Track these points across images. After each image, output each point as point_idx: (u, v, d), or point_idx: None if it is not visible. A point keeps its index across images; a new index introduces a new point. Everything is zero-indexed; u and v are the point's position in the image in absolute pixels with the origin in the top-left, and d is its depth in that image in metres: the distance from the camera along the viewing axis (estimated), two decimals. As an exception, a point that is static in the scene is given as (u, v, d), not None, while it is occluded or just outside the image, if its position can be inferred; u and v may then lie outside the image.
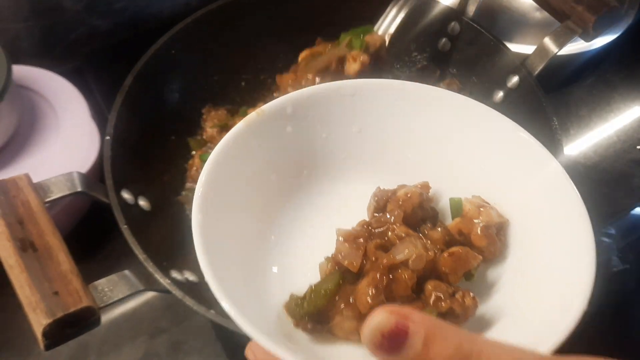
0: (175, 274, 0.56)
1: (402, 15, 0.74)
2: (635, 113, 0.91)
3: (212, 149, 0.73)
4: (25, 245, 0.50)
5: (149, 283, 0.53)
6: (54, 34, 0.88)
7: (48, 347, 0.46)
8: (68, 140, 0.73)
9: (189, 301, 0.52)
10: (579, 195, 0.41)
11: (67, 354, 0.69)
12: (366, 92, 0.48)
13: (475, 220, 0.44)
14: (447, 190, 0.49)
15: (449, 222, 0.47)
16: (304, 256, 0.46)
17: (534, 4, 0.70)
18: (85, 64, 0.89)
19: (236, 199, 0.44)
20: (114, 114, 0.64)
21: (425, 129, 0.49)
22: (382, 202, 0.46)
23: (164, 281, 0.53)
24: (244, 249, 0.43)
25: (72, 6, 0.86)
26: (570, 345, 0.33)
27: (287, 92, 0.47)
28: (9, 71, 0.67)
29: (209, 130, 0.76)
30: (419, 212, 0.45)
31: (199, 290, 0.58)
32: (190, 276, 0.59)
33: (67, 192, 0.56)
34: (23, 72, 0.78)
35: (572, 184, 0.41)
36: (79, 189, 0.56)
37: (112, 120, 0.64)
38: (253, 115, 0.45)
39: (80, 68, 0.89)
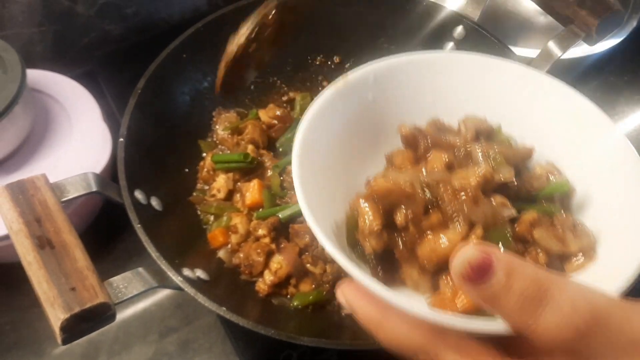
0: (187, 272, 0.57)
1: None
2: (639, 116, 0.92)
3: (222, 151, 0.75)
4: (43, 243, 0.51)
5: (162, 280, 0.54)
6: (66, 38, 0.90)
7: (65, 341, 0.47)
8: (80, 142, 0.75)
9: (200, 298, 0.53)
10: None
11: (79, 353, 0.70)
12: (442, 65, 0.50)
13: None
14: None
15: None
16: None
17: (539, 8, 0.71)
18: (97, 67, 0.91)
19: (324, 153, 0.46)
20: (127, 116, 0.66)
21: (495, 99, 0.50)
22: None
23: (176, 279, 0.54)
24: (329, 201, 0.44)
25: (84, 11, 0.88)
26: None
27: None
28: (24, 75, 0.69)
29: (220, 132, 0.78)
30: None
31: (210, 288, 0.59)
32: (201, 274, 0.60)
33: (82, 192, 0.57)
34: (37, 76, 0.80)
35: (633, 148, 0.43)
36: (94, 189, 0.58)
37: (126, 122, 0.65)
38: (340, 81, 0.47)
39: (92, 71, 0.91)
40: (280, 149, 0.77)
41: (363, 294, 0.35)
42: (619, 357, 0.28)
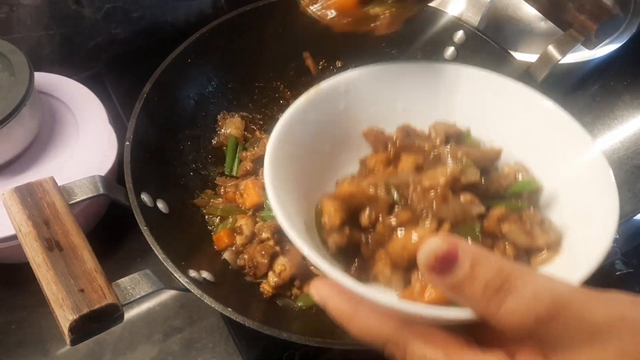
0: (193, 274, 0.58)
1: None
2: (639, 120, 0.93)
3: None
4: (52, 245, 0.52)
5: (169, 282, 0.55)
6: (73, 41, 0.91)
7: (74, 342, 0.48)
8: (87, 145, 0.76)
9: (207, 299, 0.54)
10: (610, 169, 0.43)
11: (84, 352, 0.71)
12: (411, 74, 0.52)
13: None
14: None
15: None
16: None
17: (538, 13, 0.72)
18: (104, 70, 0.92)
19: (296, 159, 0.48)
20: (133, 120, 0.67)
21: (464, 104, 0.52)
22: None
23: (182, 280, 0.55)
24: (302, 202, 0.46)
25: (91, 15, 0.89)
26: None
27: None
28: (31, 78, 0.70)
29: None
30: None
31: (216, 289, 0.60)
32: (207, 275, 0.61)
33: (90, 195, 0.58)
34: (44, 78, 0.81)
35: (597, 146, 0.44)
36: (101, 192, 0.59)
37: (132, 126, 0.66)
38: (312, 91, 0.49)
39: (98, 74, 0.92)
40: None
41: (335, 289, 0.36)
42: (578, 343, 0.29)
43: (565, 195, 0.46)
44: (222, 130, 0.80)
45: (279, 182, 0.43)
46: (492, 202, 0.45)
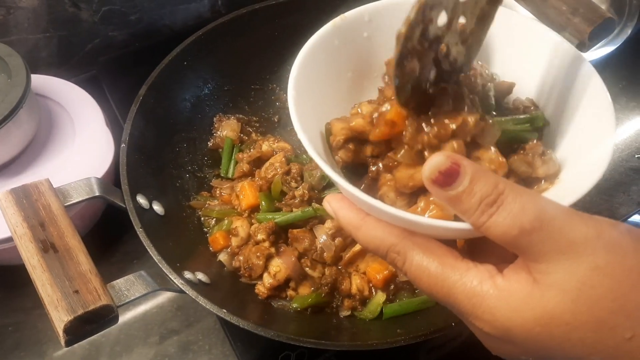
0: (188, 275, 0.59)
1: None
2: (633, 123, 0.93)
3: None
4: (47, 247, 0.52)
5: (164, 283, 0.55)
6: (71, 44, 0.91)
7: (69, 343, 0.48)
8: (84, 147, 0.76)
9: (202, 301, 0.54)
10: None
11: (80, 354, 0.71)
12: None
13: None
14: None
15: None
16: None
17: (532, 16, 0.72)
18: (101, 73, 0.92)
19: (318, 83, 0.49)
20: (129, 122, 0.67)
21: (487, 40, 0.52)
22: None
23: (177, 282, 0.55)
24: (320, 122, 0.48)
25: (88, 17, 0.89)
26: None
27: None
28: (28, 80, 0.70)
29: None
30: None
31: (211, 291, 0.60)
32: (202, 277, 0.62)
33: (85, 197, 0.58)
34: (41, 81, 0.81)
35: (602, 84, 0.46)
36: (97, 194, 0.59)
37: (128, 128, 0.66)
38: (337, 19, 0.50)
39: (95, 77, 0.92)
40: None
41: (345, 202, 0.40)
42: (556, 255, 0.32)
43: (568, 133, 0.47)
44: (218, 133, 0.80)
45: (301, 101, 0.44)
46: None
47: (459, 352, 0.71)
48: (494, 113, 0.47)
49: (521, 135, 0.45)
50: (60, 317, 0.48)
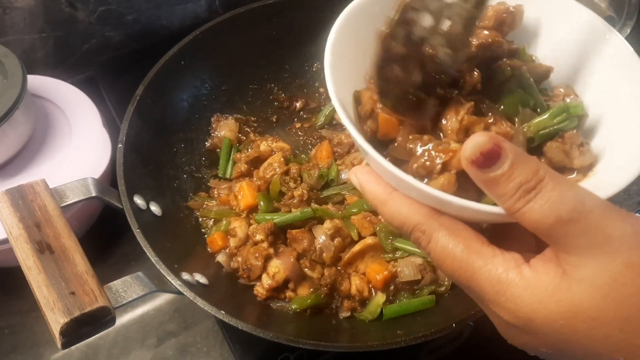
0: (186, 276, 0.58)
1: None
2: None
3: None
4: (43, 248, 0.52)
5: (162, 285, 0.54)
6: (67, 44, 0.91)
7: (65, 345, 0.48)
8: (80, 147, 0.75)
9: (200, 302, 0.54)
10: None
11: (77, 357, 0.71)
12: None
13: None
14: None
15: None
16: None
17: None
18: (98, 73, 0.91)
19: (354, 49, 0.47)
20: (125, 122, 0.66)
21: (527, 23, 0.51)
22: None
23: (175, 283, 0.55)
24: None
25: (85, 18, 0.88)
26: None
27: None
28: (24, 81, 0.69)
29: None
30: None
31: (209, 292, 0.60)
32: (200, 278, 0.61)
33: (82, 197, 0.58)
34: (37, 81, 0.80)
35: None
36: (94, 194, 0.58)
37: (124, 128, 0.66)
38: None
39: (92, 77, 0.91)
40: None
41: (373, 175, 0.39)
42: (590, 249, 0.32)
43: (606, 123, 0.46)
44: (216, 133, 0.80)
45: (337, 67, 0.43)
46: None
47: (460, 353, 0.70)
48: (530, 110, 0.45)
49: (560, 128, 0.44)
50: (56, 319, 0.47)
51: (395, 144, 0.40)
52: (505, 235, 0.38)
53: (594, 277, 0.31)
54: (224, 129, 0.80)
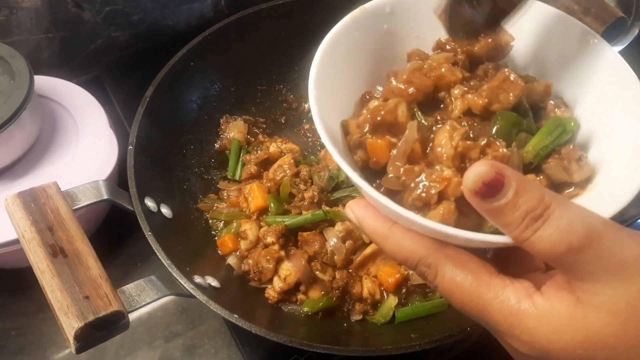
0: (198, 279, 0.58)
1: None
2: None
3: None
4: (56, 251, 0.51)
5: (174, 288, 0.54)
6: (73, 45, 0.90)
7: (79, 350, 0.48)
8: (87, 148, 0.75)
9: (213, 306, 0.53)
10: None
11: (84, 358, 0.70)
12: None
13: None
14: None
15: None
16: None
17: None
18: (104, 73, 0.91)
19: (338, 80, 0.47)
20: (136, 124, 0.66)
21: (520, 37, 0.50)
22: None
23: (188, 286, 0.54)
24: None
25: (91, 18, 0.88)
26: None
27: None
28: (31, 81, 0.69)
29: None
30: None
31: (221, 295, 0.59)
32: (212, 281, 0.61)
33: (94, 200, 0.57)
34: (44, 82, 0.80)
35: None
36: (105, 197, 0.58)
37: (135, 130, 0.66)
38: (357, 11, 0.49)
39: (98, 78, 0.91)
40: None
41: (371, 210, 0.38)
42: (605, 275, 0.31)
43: (601, 134, 0.45)
44: (225, 134, 0.79)
45: (322, 101, 0.42)
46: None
47: (469, 354, 0.70)
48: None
49: (556, 143, 0.44)
50: (70, 324, 0.47)
51: (389, 175, 0.39)
52: (507, 257, 0.37)
53: (610, 305, 0.31)
54: (233, 130, 0.79)
